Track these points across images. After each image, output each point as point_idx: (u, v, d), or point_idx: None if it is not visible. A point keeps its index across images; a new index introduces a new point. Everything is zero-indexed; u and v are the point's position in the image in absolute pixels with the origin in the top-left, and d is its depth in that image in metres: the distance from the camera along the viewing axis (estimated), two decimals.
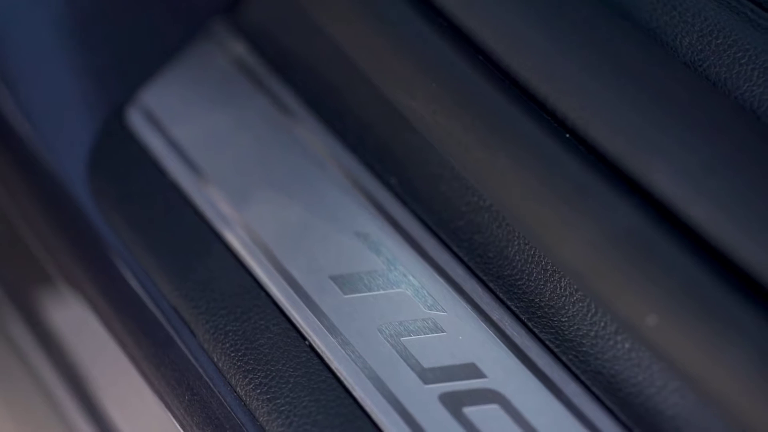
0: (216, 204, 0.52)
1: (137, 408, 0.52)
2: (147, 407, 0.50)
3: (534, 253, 0.46)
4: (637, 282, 0.41)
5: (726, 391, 0.39)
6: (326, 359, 0.46)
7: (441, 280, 0.48)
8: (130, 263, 0.53)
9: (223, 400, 0.47)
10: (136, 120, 0.56)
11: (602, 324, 0.44)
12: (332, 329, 0.47)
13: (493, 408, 0.44)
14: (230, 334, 0.48)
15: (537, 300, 0.46)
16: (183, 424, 0.48)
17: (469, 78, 0.48)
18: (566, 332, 0.45)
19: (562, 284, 0.45)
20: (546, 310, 0.46)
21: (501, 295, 0.47)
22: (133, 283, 0.52)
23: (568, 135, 0.45)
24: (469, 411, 0.44)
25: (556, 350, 0.45)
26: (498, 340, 0.46)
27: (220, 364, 0.48)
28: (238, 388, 0.47)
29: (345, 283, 0.49)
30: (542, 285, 0.46)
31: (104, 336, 0.53)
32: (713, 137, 0.43)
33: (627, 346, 0.43)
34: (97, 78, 0.57)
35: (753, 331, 0.39)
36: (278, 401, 0.46)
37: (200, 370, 0.48)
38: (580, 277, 0.44)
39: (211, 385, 0.48)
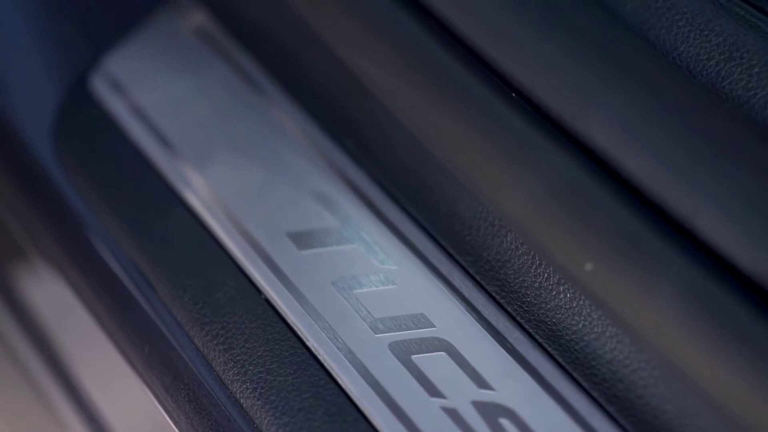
0: (177, 166, 0.55)
1: (101, 366, 0.54)
2: (109, 362, 0.53)
3: (482, 209, 0.49)
4: (576, 232, 0.44)
5: (655, 333, 0.42)
6: (281, 312, 0.49)
7: (393, 236, 0.51)
8: (96, 227, 0.56)
9: (181, 352, 0.50)
10: (99, 87, 0.58)
11: (545, 275, 0.47)
12: (287, 283, 0.50)
13: (441, 355, 0.47)
14: (189, 288, 0.51)
15: (484, 254, 0.49)
16: (143, 375, 0.51)
17: (421, 41, 0.51)
18: (512, 284, 0.48)
19: (508, 239, 0.48)
20: (493, 263, 0.49)
21: (450, 250, 0.50)
22: (96, 243, 0.55)
23: (514, 95, 0.48)
24: (417, 358, 0.47)
25: (501, 301, 0.48)
26: (446, 291, 0.49)
27: (178, 318, 0.50)
28: (195, 340, 0.50)
29: (301, 239, 0.51)
30: (489, 240, 0.49)
31: (68, 295, 0.56)
32: (650, 94, 0.45)
33: (568, 295, 0.46)
34: (62, 46, 0.60)
35: (679, 274, 0.41)
36: (234, 351, 0.48)
37: (160, 324, 0.51)
38: (523, 229, 0.46)
39: (170, 338, 0.50)
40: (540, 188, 0.46)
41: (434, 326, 0.48)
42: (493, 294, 0.49)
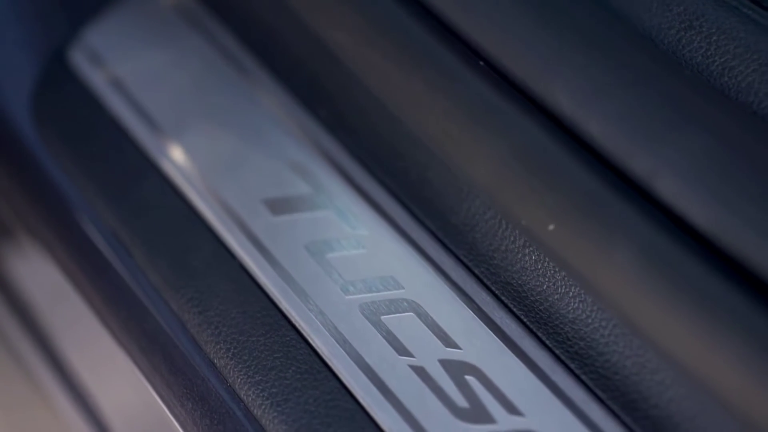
0: (154, 136, 0.56)
1: (79, 330, 0.56)
2: (87, 326, 0.54)
3: (451, 175, 0.51)
4: (540, 194, 0.46)
5: (614, 291, 0.44)
6: (255, 275, 0.51)
7: (364, 203, 0.53)
8: (75, 197, 0.57)
9: (157, 315, 0.52)
10: (78, 59, 0.60)
11: (511, 239, 0.48)
12: (261, 248, 0.52)
13: (409, 316, 0.49)
14: (164, 254, 0.53)
15: (453, 219, 0.51)
16: (120, 338, 0.53)
17: (391, 12, 0.52)
18: (479, 247, 0.50)
19: (476, 204, 0.50)
20: (461, 228, 0.50)
21: (420, 215, 0.52)
22: (75, 213, 0.57)
23: (482, 63, 0.50)
24: (386, 319, 0.49)
25: (469, 264, 0.50)
26: (416, 255, 0.51)
27: (154, 282, 0.52)
28: (171, 303, 0.51)
29: (275, 206, 0.53)
30: (458, 205, 0.50)
31: (47, 263, 0.57)
32: (613, 62, 0.47)
33: (533, 258, 0.48)
34: (40, 19, 0.62)
35: (638, 234, 0.43)
36: (208, 313, 0.50)
37: (136, 289, 0.53)
38: (490, 193, 0.48)
39: (146, 302, 0.52)
40: (506, 153, 0.48)
41: (403, 288, 0.50)
42: (461, 257, 0.50)
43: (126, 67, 0.60)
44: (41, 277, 0.61)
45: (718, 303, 0.42)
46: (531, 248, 0.48)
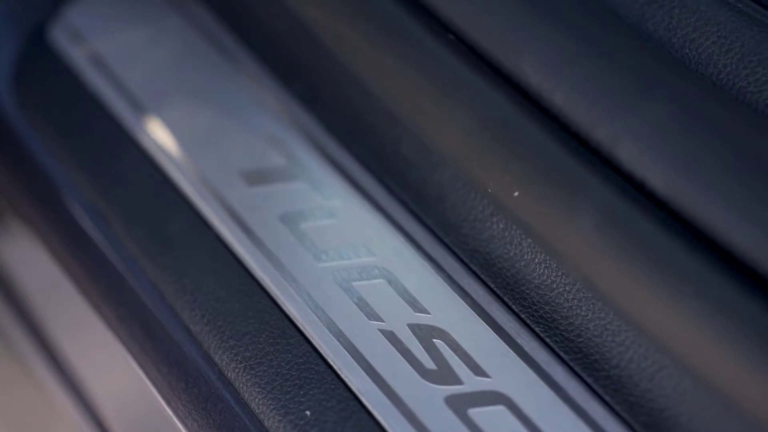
0: (133, 110, 0.58)
1: (59, 300, 0.58)
2: (68, 299, 0.56)
3: (422, 147, 0.52)
4: (506, 162, 0.48)
5: (577, 255, 0.46)
6: (230, 245, 0.53)
7: (338, 174, 0.55)
8: (56, 171, 0.59)
9: (134, 284, 0.53)
10: (58, 36, 0.62)
11: (480, 208, 0.50)
12: (237, 218, 0.53)
13: (380, 282, 0.50)
14: (142, 224, 0.54)
15: (423, 189, 0.52)
16: (99, 307, 0.54)
17: None
18: (449, 217, 0.51)
19: (446, 175, 0.52)
20: (431, 198, 0.52)
21: (392, 186, 0.54)
22: (55, 186, 0.58)
23: (451, 36, 0.52)
24: (358, 285, 0.50)
25: (439, 232, 0.52)
26: (387, 225, 0.53)
27: (132, 251, 0.54)
28: (148, 272, 0.53)
29: (250, 177, 0.55)
30: (428, 176, 0.52)
31: (28, 235, 0.59)
32: (578, 35, 0.49)
33: (501, 226, 0.50)
34: None
35: (599, 199, 0.45)
36: (184, 281, 0.52)
37: (114, 259, 0.54)
38: (459, 163, 0.50)
39: (123, 271, 0.54)
40: (474, 124, 0.50)
41: (375, 256, 0.51)
42: (432, 227, 0.52)
43: (106, 44, 0.62)
44: (22, 250, 0.63)
45: (675, 265, 0.44)
46: (498, 217, 0.50)
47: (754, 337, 0.42)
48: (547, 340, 0.48)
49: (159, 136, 0.57)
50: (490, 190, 0.49)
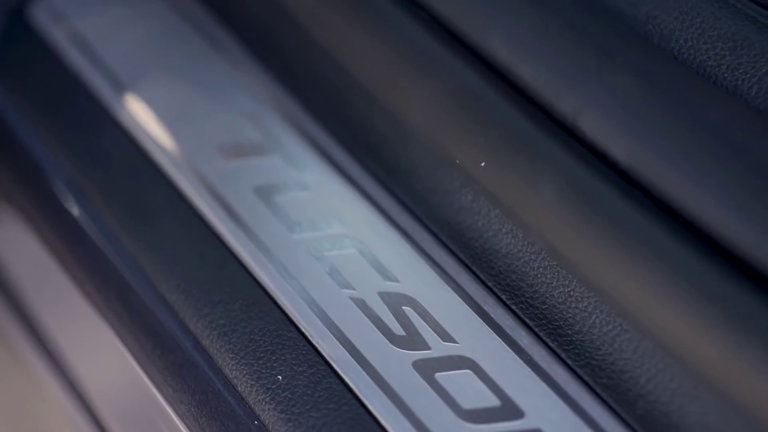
0: (113, 88, 0.60)
1: (39, 274, 0.59)
2: (46, 269, 0.58)
3: (394, 122, 0.54)
4: (473, 133, 0.50)
5: (541, 223, 0.48)
6: (206, 217, 0.54)
7: (312, 148, 0.56)
8: (38, 149, 0.60)
9: (112, 258, 0.55)
10: (39, 15, 0.64)
11: (449, 179, 0.52)
12: (212, 191, 0.55)
13: (352, 252, 0.52)
14: (121, 198, 0.56)
15: (395, 163, 0.54)
16: (77, 278, 0.56)
17: None
18: (419, 189, 0.53)
19: (417, 149, 0.53)
20: (403, 172, 0.54)
21: (364, 159, 0.56)
22: (36, 161, 0.60)
23: (422, 11, 0.54)
24: (329, 255, 0.52)
25: (409, 204, 0.53)
26: (359, 197, 0.54)
27: (110, 224, 0.55)
28: (126, 244, 0.55)
29: (226, 151, 0.57)
30: (400, 150, 0.54)
31: (7, 211, 0.61)
32: (542, 10, 0.51)
33: (470, 197, 0.51)
34: None
35: (562, 168, 0.47)
36: (161, 252, 0.54)
37: (93, 232, 0.56)
38: (429, 135, 0.52)
39: (101, 244, 0.55)
40: (444, 97, 0.51)
41: (347, 227, 0.53)
42: (403, 198, 0.54)
43: (86, 24, 0.64)
44: (4, 231, 0.64)
45: (635, 232, 0.45)
46: (467, 189, 0.51)
47: (710, 300, 0.43)
48: (513, 307, 0.50)
49: (138, 112, 0.59)
50: (458, 161, 0.50)
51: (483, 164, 0.49)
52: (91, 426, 0.57)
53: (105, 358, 0.55)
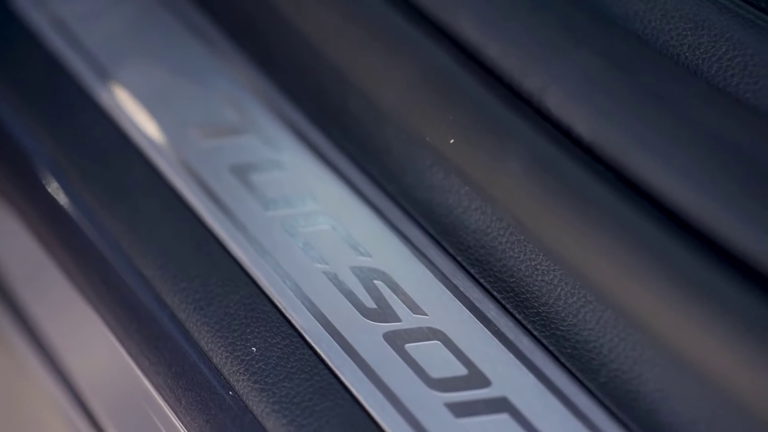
0: (92, 70, 0.61)
1: (15, 247, 0.61)
2: (25, 246, 0.59)
3: (367, 103, 0.56)
4: (442, 111, 0.51)
5: (508, 198, 0.49)
6: (182, 195, 0.56)
7: (287, 129, 0.58)
8: (20, 130, 0.62)
9: (90, 236, 0.56)
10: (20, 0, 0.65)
11: (420, 158, 0.54)
12: (189, 170, 0.57)
13: (325, 228, 0.54)
14: (99, 177, 0.58)
15: (368, 143, 0.56)
16: (57, 256, 0.57)
17: None
18: (392, 168, 0.55)
19: (390, 129, 0.55)
20: (375, 151, 0.56)
21: (339, 140, 0.57)
22: (15, 141, 0.61)
23: None
24: (304, 231, 0.54)
25: (382, 182, 0.55)
26: (333, 176, 0.56)
27: (89, 203, 0.57)
28: (105, 222, 0.56)
29: (203, 132, 0.58)
30: (374, 130, 0.56)
31: None
32: None
33: (440, 176, 0.53)
34: None
35: (528, 144, 0.49)
36: (139, 229, 0.55)
37: (73, 210, 0.57)
38: (400, 114, 0.53)
39: (80, 222, 0.57)
40: (415, 76, 0.53)
41: (320, 204, 0.55)
42: (376, 177, 0.56)
43: (67, 9, 0.65)
44: None
45: (597, 205, 0.47)
46: (438, 167, 0.53)
47: (670, 270, 0.45)
48: (481, 280, 0.51)
49: (118, 95, 0.60)
50: (428, 139, 0.52)
51: (452, 141, 0.51)
52: (69, 398, 0.58)
53: (83, 331, 0.56)
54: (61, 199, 0.58)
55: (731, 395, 0.43)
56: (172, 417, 0.51)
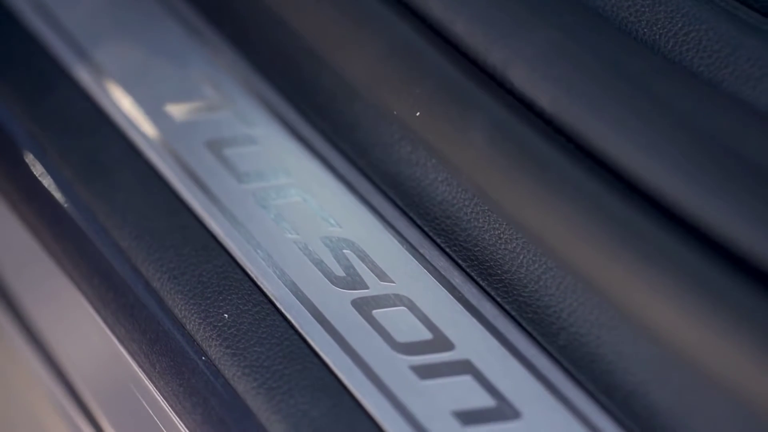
0: (71, 49, 0.63)
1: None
2: (5, 221, 0.61)
3: (338, 81, 0.58)
4: (409, 85, 0.53)
5: (472, 168, 0.51)
6: (158, 169, 0.58)
7: (261, 105, 0.60)
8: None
9: (68, 210, 0.58)
10: None
11: (388, 133, 0.56)
12: (165, 145, 0.58)
13: (297, 201, 0.56)
14: (76, 152, 0.59)
15: (339, 119, 0.58)
16: (36, 229, 0.59)
17: None
18: (362, 143, 0.57)
19: (360, 105, 0.57)
20: (346, 127, 0.58)
21: (311, 116, 0.59)
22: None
23: None
24: (276, 203, 0.56)
25: (353, 156, 0.57)
26: (305, 151, 0.58)
27: (67, 177, 0.59)
28: (81, 195, 0.58)
29: (179, 108, 0.60)
30: (346, 106, 0.58)
31: None
32: None
33: (408, 149, 0.55)
34: None
35: (490, 115, 0.51)
36: (115, 203, 0.57)
37: (49, 184, 0.59)
38: (370, 88, 0.56)
39: (57, 198, 0.59)
40: (383, 51, 0.55)
41: (292, 178, 0.57)
42: (347, 151, 0.58)
43: None
44: None
45: (558, 173, 0.49)
46: (405, 141, 0.55)
47: (626, 235, 0.47)
48: (447, 249, 0.53)
49: (95, 72, 0.62)
50: (396, 112, 0.54)
51: (418, 114, 0.53)
52: (44, 365, 0.60)
53: (60, 301, 0.58)
54: (39, 173, 0.60)
55: (682, 354, 0.45)
56: (146, 382, 0.53)
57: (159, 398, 0.52)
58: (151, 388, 0.53)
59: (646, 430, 0.45)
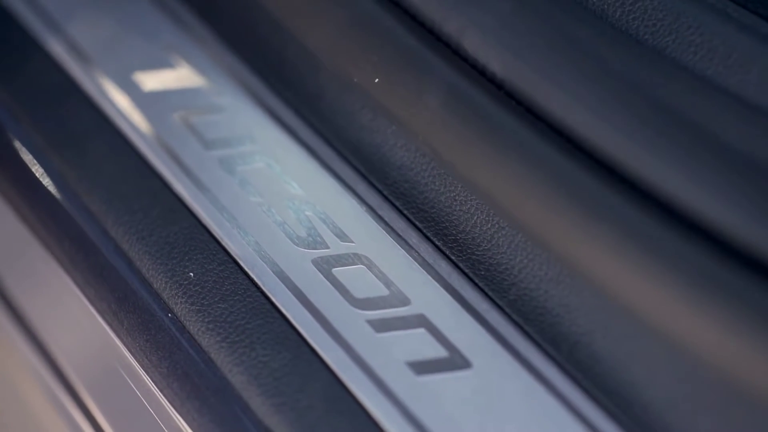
0: (43, 22, 0.66)
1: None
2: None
3: (303, 52, 0.61)
4: (368, 53, 0.56)
5: (428, 131, 0.54)
6: (127, 137, 0.61)
7: (227, 75, 0.63)
8: None
9: (39, 175, 0.61)
10: None
11: (350, 101, 0.59)
12: (134, 113, 0.61)
13: (261, 166, 0.58)
14: (48, 122, 0.62)
15: (304, 88, 0.61)
16: (9, 196, 0.62)
17: None
18: (324, 111, 0.60)
19: (323, 75, 0.60)
20: (310, 96, 0.61)
21: (277, 86, 0.62)
22: None
23: None
24: (241, 169, 0.59)
25: (316, 125, 0.60)
26: (270, 119, 0.61)
27: (39, 145, 0.61)
28: (53, 161, 0.60)
29: (147, 79, 0.63)
30: (311, 76, 0.61)
31: None
32: None
33: (369, 117, 0.58)
34: None
35: (444, 80, 0.54)
36: (85, 169, 0.60)
37: (20, 150, 0.62)
38: (332, 57, 0.58)
39: (29, 163, 0.61)
40: (344, 21, 0.58)
41: (257, 144, 0.59)
42: (310, 120, 0.60)
43: None
44: None
45: (508, 134, 0.52)
46: (366, 109, 0.58)
47: (574, 193, 0.50)
48: (405, 211, 0.56)
49: (65, 42, 0.65)
50: (356, 80, 0.56)
51: (377, 80, 0.55)
52: (17, 327, 0.63)
53: (30, 264, 0.61)
54: (12, 141, 0.62)
55: (623, 304, 0.47)
56: (114, 338, 0.55)
57: (126, 353, 0.55)
58: (118, 343, 0.55)
59: (590, 377, 0.48)
